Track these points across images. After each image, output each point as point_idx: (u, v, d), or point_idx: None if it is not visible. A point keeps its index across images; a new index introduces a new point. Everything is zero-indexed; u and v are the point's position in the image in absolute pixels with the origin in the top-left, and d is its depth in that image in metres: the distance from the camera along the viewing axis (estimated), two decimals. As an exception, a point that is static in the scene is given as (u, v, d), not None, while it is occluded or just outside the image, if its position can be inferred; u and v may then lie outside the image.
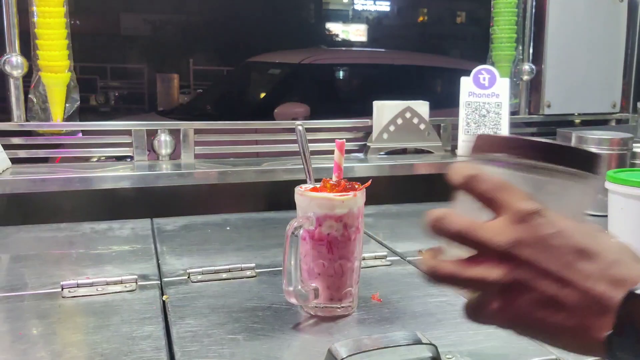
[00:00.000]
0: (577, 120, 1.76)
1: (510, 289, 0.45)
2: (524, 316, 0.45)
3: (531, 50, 1.69)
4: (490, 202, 0.47)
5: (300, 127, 0.79)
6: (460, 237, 0.47)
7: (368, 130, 1.52)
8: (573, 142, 1.28)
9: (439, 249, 0.51)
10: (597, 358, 0.46)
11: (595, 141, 1.24)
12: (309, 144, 1.16)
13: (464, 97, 1.50)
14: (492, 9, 1.63)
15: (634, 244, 0.93)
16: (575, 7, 1.68)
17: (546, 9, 1.66)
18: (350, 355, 0.57)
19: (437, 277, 0.48)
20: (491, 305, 0.46)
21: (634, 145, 1.26)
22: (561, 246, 0.44)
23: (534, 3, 1.67)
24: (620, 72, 1.77)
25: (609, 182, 0.96)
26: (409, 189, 1.44)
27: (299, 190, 0.73)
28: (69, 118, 1.32)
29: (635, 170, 1.06)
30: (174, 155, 1.36)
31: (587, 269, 0.44)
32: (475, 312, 0.48)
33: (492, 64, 1.63)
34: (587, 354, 0.45)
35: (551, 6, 1.66)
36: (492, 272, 0.45)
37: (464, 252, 0.47)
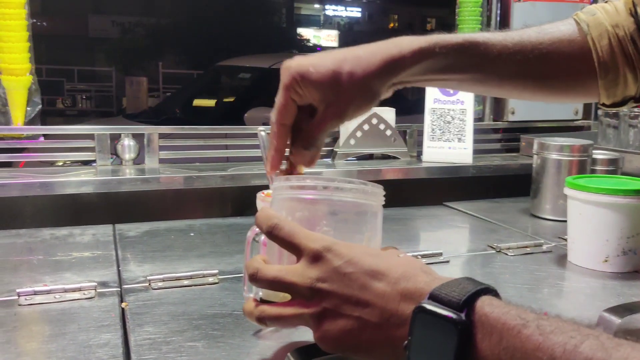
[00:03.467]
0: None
1: (324, 318, 0.51)
2: (342, 339, 0.51)
3: (496, 58, 1.72)
4: (289, 247, 0.55)
5: (262, 133, 0.78)
6: (275, 285, 0.54)
7: (336, 136, 1.52)
8: (535, 149, 1.30)
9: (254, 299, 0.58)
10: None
11: (556, 147, 1.26)
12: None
13: (429, 104, 1.52)
14: (456, 17, 1.65)
15: (591, 249, 0.95)
16: (539, 15, 1.71)
17: (510, 17, 1.69)
18: (308, 362, 0.57)
19: (265, 321, 0.56)
20: (315, 335, 0.52)
21: (594, 151, 1.29)
22: (353, 272, 0.51)
23: (498, 11, 1.71)
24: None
25: (568, 188, 0.98)
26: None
27: (260, 195, 0.73)
28: (30, 122, 1.30)
29: (593, 176, 1.08)
30: (139, 160, 1.35)
31: (380, 287, 0.50)
32: (320, 340, 0.53)
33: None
34: None
35: (515, 14, 1.70)
36: (304, 308, 0.52)
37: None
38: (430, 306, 0.46)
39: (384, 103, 1.59)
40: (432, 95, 1.52)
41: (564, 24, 0.72)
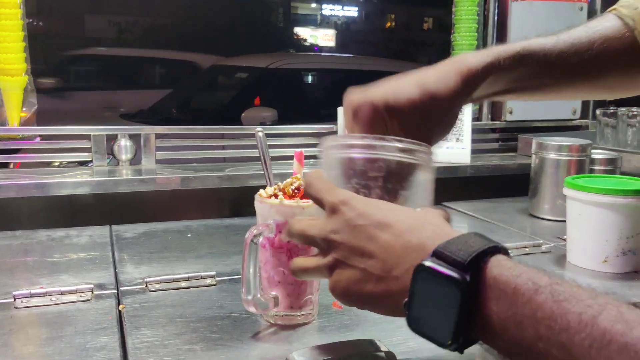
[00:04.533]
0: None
1: (335, 268, 0.52)
2: (348, 290, 0.52)
3: (493, 57, 1.71)
4: (317, 202, 0.57)
5: (260, 133, 0.78)
6: (301, 238, 0.57)
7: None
8: (533, 148, 1.29)
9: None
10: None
11: (555, 147, 1.26)
12: (272, 149, 1.15)
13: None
14: (453, 16, 1.65)
15: (591, 249, 0.94)
16: (536, 14, 1.71)
17: (508, 17, 1.69)
18: (307, 365, 0.57)
19: (296, 273, 0.58)
20: (329, 285, 0.53)
21: (592, 151, 1.29)
22: (363, 224, 0.51)
23: (496, 11, 1.70)
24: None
25: (567, 189, 0.98)
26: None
27: (258, 197, 0.72)
28: (26, 122, 1.29)
29: (593, 176, 1.08)
30: (136, 160, 1.34)
31: (385, 239, 0.49)
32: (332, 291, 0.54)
33: (454, 70, 1.65)
34: (398, 315, 0.49)
35: (513, 14, 1.69)
36: (321, 259, 0.54)
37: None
38: (432, 264, 0.44)
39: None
40: (430, 95, 1.51)
41: (608, 21, 0.71)
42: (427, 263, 0.45)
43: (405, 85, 0.63)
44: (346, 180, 0.57)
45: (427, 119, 0.63)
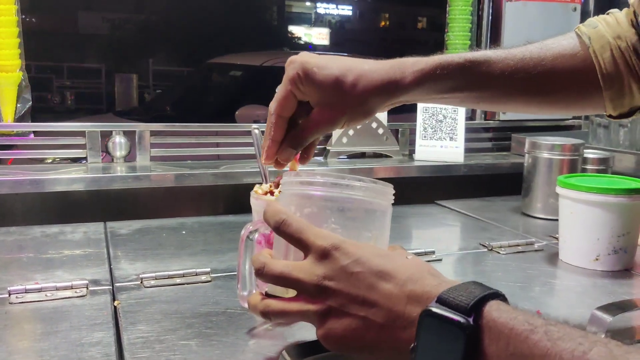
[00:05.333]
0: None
1: (329, 316, 0.51)
2: (346, 338, 0.51)
3: (487, 57, 1.72)
4: (297, 244, 0.55)
5: (256, 131, 0.79)
6: (281, 280, 0.54)
7: (328, 134, 1.52)
8: (526, 147, 1.30)
9: (260, 292, 0.59)
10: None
11: (547, 147, 1.27)
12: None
13: (421, 103, 1.52)
14: (447, 16, 1.66)
15: (583, 247, 0.95)
16: (530, 15, 1.72)
17: (502, 17, 1.70)
18: (302, 359, 0.57)
19: (269, 316, 0.56)
20: (318, 332, 0.53)
21: (585, 151, 1.30)
22: (361, 272, 0.50)
23: (490, 10, 1.71)
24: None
25: (560, 187, 0.98)
26: (367, 192, 1.45)
27: (254, 194, 0.73)
28: (20, 119, 1.29)
29: (584, 175, 1.09)
30: (130, 157, 1.34)
31: (387, 288, 0.50)
32: (323, 339, 0.53)
33: (448, 69, 1.66)
34: None
35: (507, 14, 1.70)
36: (309, 305, 0.53)
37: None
38: (438, 310, 0.46)
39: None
40: (424, 94, 1.52)
41: (566, 38, 0.73)
42: (433, 309, 0.46)
43: (335, 63, 0.66)
44: (323, 219, 0.56)
45: (337, 101, 0.67)
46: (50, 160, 1.51)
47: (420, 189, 1.48)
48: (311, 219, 0.56)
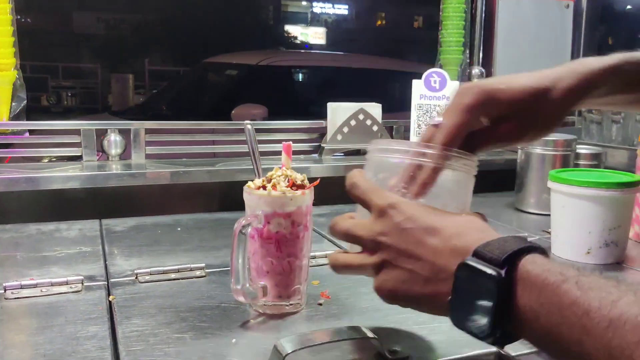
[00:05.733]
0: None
1: (382, 269, 0.55)
2: (395, 290, 0.55)
3: (481, 54, 1.73)
4: (362, 203, 0.59)
5: (249, 127, 0.79)
6: (346, 236, 0.59)
7: (323, 132, 1.53)
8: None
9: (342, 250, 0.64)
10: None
11: (540, 142, 1.28)
12: (261, 145, 1.16)
13: (415, 100, 1.53)
14: (440, 14, 1.66)
15: (574, 241, 0.96)
16: (523, 12, 1.73)
17: (495, 14, 1.71)
18: (295, 351, 0.58)
19: (337, 268, 0.61)
20: (374, 285, 0.57)
21: (577, 146, 1.31)
22: (411, 228, 0.54)
23: (484, 8, 1.72)
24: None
25: (551, 182, 0.99)
26: (362, 189, 1.46)
27: (247, 189, 0.73)
28: (15, 117, 1.29)
29: (576, 170, 1.10)
30: (125, 155, 1.34)
31: (433, 243, 0.53)
32: (377, 290, 0.57)
33: (441, 67, 1.67)
34: (442, 314, 0.52)
35: (500, 11, 1.71)
36: (368, 258, 0.57)
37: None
38: (472, 262, 0.48)
39: (370, 99, 1.61)
40: (418, 91, 1.53)
41: None
42: (469, 262, 0.48)
43: (520, 76, 0.62)
44: (392, 184, 0.60)
45: (533, 113, 0.62)
46: (47, 160, 1.52)
47: (414, 185, 1.49)
48: (384, 184, 0.60)
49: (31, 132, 1.32)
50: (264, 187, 0.72)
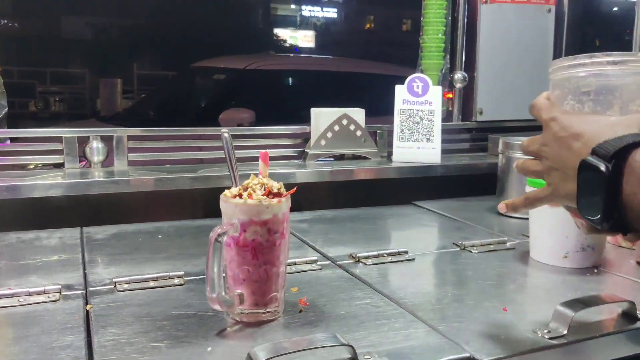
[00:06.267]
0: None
1: (548, 174, 0.65)
2: (557, 191, 0.64)
3: (463, 59, 1.75)
4: (539, 119, 0.67)
5: (226, 134, 0.79)
6: (525, 150, 0.69)
7: (307, 137, 1.54)
8: (500, 148, 1.32)
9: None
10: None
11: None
12: (246, 150, 1.16)
13: (398, 105, 1.54)
14: (422, 19, 1.67)
15: (552, 245, 0.97)
16: (505, 17, 1.75)
17: (477, 19, 1.72)
18: (268, 359, 0.58)
19: (519, 170, 0.71)
20: (546, 187, 0.66)
21: (557, 150, 1.32)
22: (563, 136, 0.61)
23: (466, 13, 1.73)
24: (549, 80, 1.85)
25: (529, 186, 1.00)
26: (345, 194, 1.46)
27: (223, 197, 0.74)
28: (-4, 125, 1.29)
29: (555, 174, 1.11)
30: (108, 162, 1.34)
31: (578, 147, 0.59)
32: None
33: (422, 72, 1.68)
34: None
35: (482, 16, 1.72)
36: (537, 165, 0.67)
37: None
38: (588, 159, 0.55)
39: (360, 102, 1.61)
40: (401, 96, 1.54)
41: None
42: (585, 159, 0.56)
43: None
44: (563, 98, 0.68)
45: None
46: (32, 167, 1.51)
47: (398, 190, 1.50)
48: (557, 101, 0.68)
49: (13, 139, 1.31)
50: (240, 196, 0.73)
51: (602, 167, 0.54)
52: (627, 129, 0.56)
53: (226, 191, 0.75)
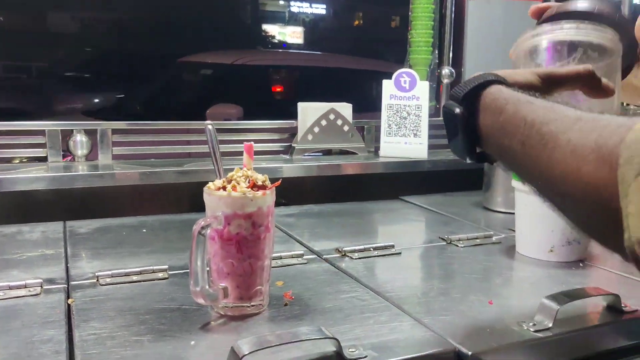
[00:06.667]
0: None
1: None
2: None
3: (451, 54, 1.75)
4: None
5: (210, 127, 0.78)
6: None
7: (294, 132, 1.53)
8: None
9: None
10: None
11: (507, 142, 1.29)
12: (233, 145, 1.15)
13: (385, 100, 1.54)
14: (410, 14, 1.67)
15: (538, 239, 0.97)
16: (493, 13, 1.75)
17: (465, 15, 1.72)
18: (252, 352, 0.58)
19: None
20: None
21: (544, 145, 1.32)
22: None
23: (453, 8, 1.73)
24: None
25: (515, 181, 1.00)
26: (332, 189, 1.46)
27: (207, 190, 0.73)
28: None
29: (541, 169, 1.11)
30: (93, 156, 1.33)
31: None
32: None
33: (410, 67, 1.68)
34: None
35: (470, 12, 1.72)
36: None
37: None
38: (447, 102, 0.61)
39: (347, 98, 1.60)
40: (389, 91, 1.54)
41: None
42: (445, 103, 0.61)
43: None
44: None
45: None
46: (18, 161, 1.49)
47: (385, 184, 1.50)
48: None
49: (-4, 133, 1.29)
50: (224, 188, 0.72)
51: (457, 110, 0.59)
52: (487, 76, 0.61)
53: (210, 184, 0.74)
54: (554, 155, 0.48)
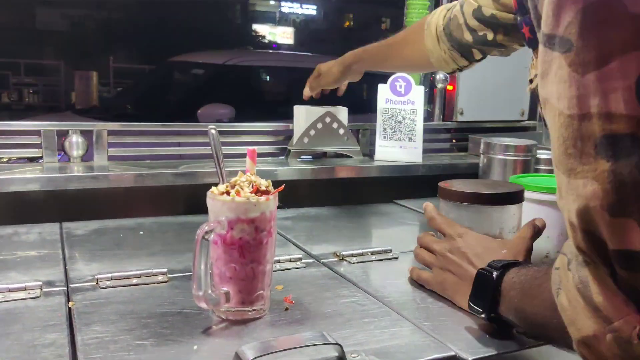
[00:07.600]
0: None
1: (439, 269, 0.84)
2: (441, 284, 0.84)
3: (445, 59, 1.75)
4: (440, 230, 0.87)
5: (213, 131, 0.79)
6: (426, 246, 0.88)
7: (289, 134, 1.53)
8: (482, 148, 1.34)
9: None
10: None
11: (501, 147, 1.30)
12: (227, 147, 1.14)
13: (381, 104, 1.54)
14: (404, 18, 1.68)
15: (534, 246, 0.98)
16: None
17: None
18: (256, 358, 0.58)
19: (417, 251, 0.90)
20: (430, 277, 0.86)
21: (538, 151, 1.34)
22: (465, 252, 0.81)
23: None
24: (528, 82, 1.87)
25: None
26: (328, 192, 1.46)
27: (210, 194, 0.73)
28: None
29: (535, 175, 1.13)
30: (88, 157, 1.32)
31: (478, 264, 0.78)
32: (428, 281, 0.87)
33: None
34: (459, 301, 0.80)
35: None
36: (435, 260, 0.86)
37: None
38: (486, 267, 0.74)
39: (339, 100, 1.61)
40: (384, 95, 1.54)
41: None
42: (484, 267, 0.74)
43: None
44: (457, 219, 0.87)
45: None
46: (8, 160, 1.48)
47: (379, 188, 1.50)
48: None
49: (-11, 132, 1.28)
50: (228, 193, 0.72)
51: (495, 273, 0.71)
52: (500, 254, 0.79)
53: (213, 188, 0.74)
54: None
